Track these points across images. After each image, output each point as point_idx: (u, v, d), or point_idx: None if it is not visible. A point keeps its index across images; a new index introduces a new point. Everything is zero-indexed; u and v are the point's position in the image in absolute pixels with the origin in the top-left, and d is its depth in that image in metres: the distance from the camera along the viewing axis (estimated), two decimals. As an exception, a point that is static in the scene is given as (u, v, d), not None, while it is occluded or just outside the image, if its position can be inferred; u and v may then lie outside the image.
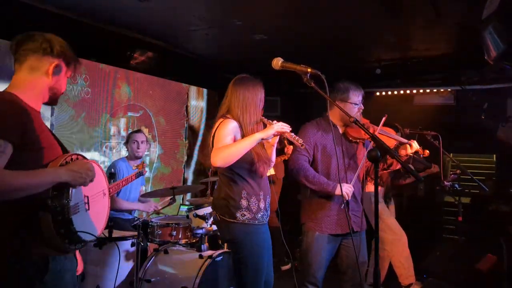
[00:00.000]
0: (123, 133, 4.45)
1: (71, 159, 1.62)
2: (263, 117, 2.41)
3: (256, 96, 2.40)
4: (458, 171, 4.07)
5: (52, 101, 1.73)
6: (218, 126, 2.36)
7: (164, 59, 4.70)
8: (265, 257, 2.40)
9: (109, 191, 1.97)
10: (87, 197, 1.70)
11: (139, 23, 3.85)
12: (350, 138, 2.81)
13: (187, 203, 4.54)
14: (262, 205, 2.39)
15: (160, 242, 3.27)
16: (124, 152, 4.32)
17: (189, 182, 5.51)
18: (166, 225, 3.28)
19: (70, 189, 1.55)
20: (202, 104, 5.78)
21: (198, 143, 5.72)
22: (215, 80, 5.61)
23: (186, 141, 5.45)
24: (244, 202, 2.33)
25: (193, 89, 5.54)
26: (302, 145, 2.26)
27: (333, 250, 2.79)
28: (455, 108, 5.37)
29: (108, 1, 3.26)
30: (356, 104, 2.81)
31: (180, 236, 3.31)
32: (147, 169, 4.69)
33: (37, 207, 1.49)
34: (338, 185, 2.50)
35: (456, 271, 4.15)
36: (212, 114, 5.92)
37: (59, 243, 1.53)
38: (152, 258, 3.14)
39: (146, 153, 4.52)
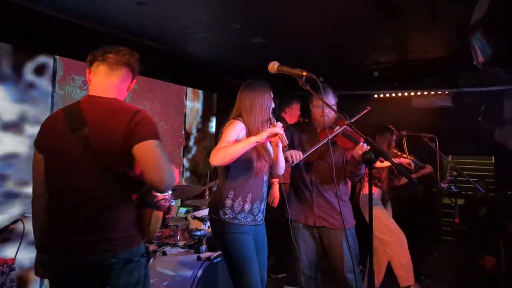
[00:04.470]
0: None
1: None
2: (272, 117, 2.49)
3: (261, 97, 2.48)
4: (454, 173, 4.09)
5: None
6: (226, 127, 2.46)
7: (163, 61, 4.73)
8: (254, 257, 2.45)
9: None
10: None
11: (138, 26, 3.87)
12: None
13: (187, 204, 4.55)
14: (247, 206, 2.44)
15: (158, 243, 3.30)
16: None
17: (188, 184, 5.53)
18: (165, 226, 3.31)
19: None
20: (198, 105, 5.80)
21: (191, 144, 5.74)
22: (213, 82, 5.64)
23: (185, 143, 5.47)
24: (228, 202, 2.43)
25: (189, 91, 5.56)
26: (285, 146, 2.36)
27: (315, 239, 2.96)
28: (453, 110, 5.39)
29: (106, 3, 3.28)
30: (315, 106, 2.95)
31: (178, 238, 3.34)
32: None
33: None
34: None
35: (453, 273, 4.17)
36: (207, 116, 5.94)
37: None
38: (151, 260, 3.16)
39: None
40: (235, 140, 2.38)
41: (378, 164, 3.60)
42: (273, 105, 2.56)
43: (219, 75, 5.62)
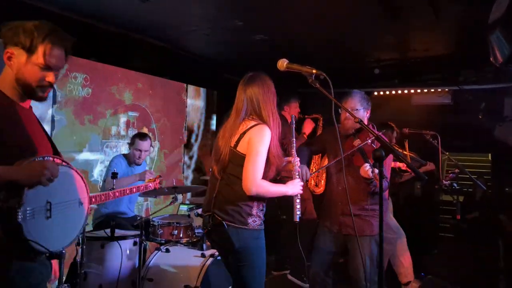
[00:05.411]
0: (123, 133, 4.46)
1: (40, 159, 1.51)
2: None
3: (274, 94, 2.40)
4: (456, 170, 4.10)
5: (29, 95, 1.61)
6: (254, 128, 2.27)
7: (164, 59, 4.71)
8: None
9: (91, 200, 1.84)
10: (50, 203, 1.53)
11: (140, 23, 3.86)
12: None
13: (187, 202, 4.56)
14: (262, 213, 2.38)
15: (161, 241, 3.30)
16: (124, 148, 4.33)
17: (189, 181, 5.53)
18: (168, 224, 3.31)
19: (25, 192, 1.41)
20: (200, 103, 5.79)
21: (198, 142, 5.74)
22: (215, 80, 5.63)
23: (186, 140, 5.46)
24: (254, 210, 2.30)
25: (190, 88, 5.55)
26: (296, 221, 2.39)
27: (335, 245, 2.94)
28: (453, 108, 5.42)
29: (108, 1, 3.27)
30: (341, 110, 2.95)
31: (181, 235, 3.34)
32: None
33: None
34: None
35: (453, 269, 4.20)
36: (210, 113, 5.93)
37: (11, 249, 1.42)
38: (154, 257, 3.17)
39: (146, 152, 4.53)
40: None
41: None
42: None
43: (220, 73, 5.61)
